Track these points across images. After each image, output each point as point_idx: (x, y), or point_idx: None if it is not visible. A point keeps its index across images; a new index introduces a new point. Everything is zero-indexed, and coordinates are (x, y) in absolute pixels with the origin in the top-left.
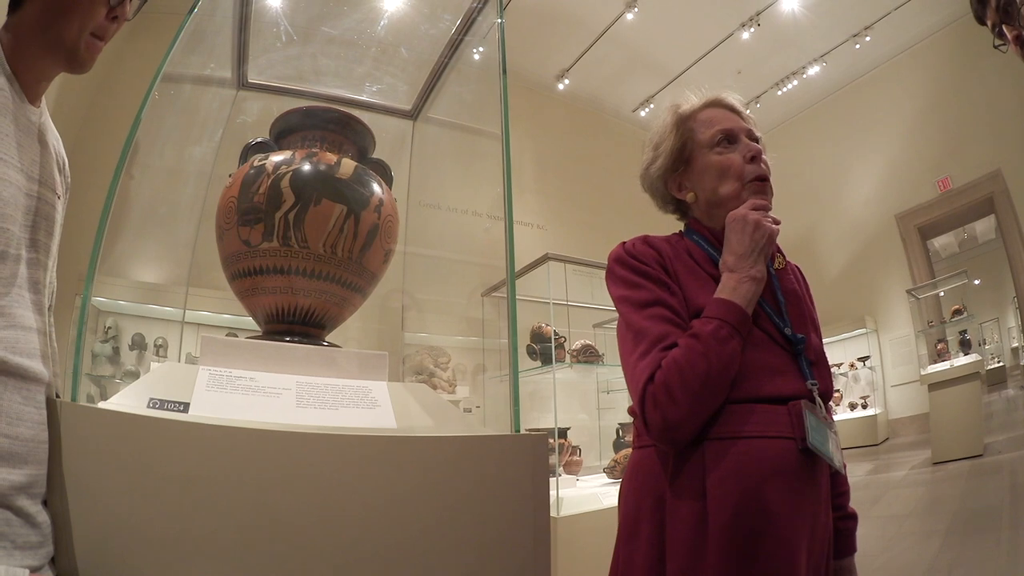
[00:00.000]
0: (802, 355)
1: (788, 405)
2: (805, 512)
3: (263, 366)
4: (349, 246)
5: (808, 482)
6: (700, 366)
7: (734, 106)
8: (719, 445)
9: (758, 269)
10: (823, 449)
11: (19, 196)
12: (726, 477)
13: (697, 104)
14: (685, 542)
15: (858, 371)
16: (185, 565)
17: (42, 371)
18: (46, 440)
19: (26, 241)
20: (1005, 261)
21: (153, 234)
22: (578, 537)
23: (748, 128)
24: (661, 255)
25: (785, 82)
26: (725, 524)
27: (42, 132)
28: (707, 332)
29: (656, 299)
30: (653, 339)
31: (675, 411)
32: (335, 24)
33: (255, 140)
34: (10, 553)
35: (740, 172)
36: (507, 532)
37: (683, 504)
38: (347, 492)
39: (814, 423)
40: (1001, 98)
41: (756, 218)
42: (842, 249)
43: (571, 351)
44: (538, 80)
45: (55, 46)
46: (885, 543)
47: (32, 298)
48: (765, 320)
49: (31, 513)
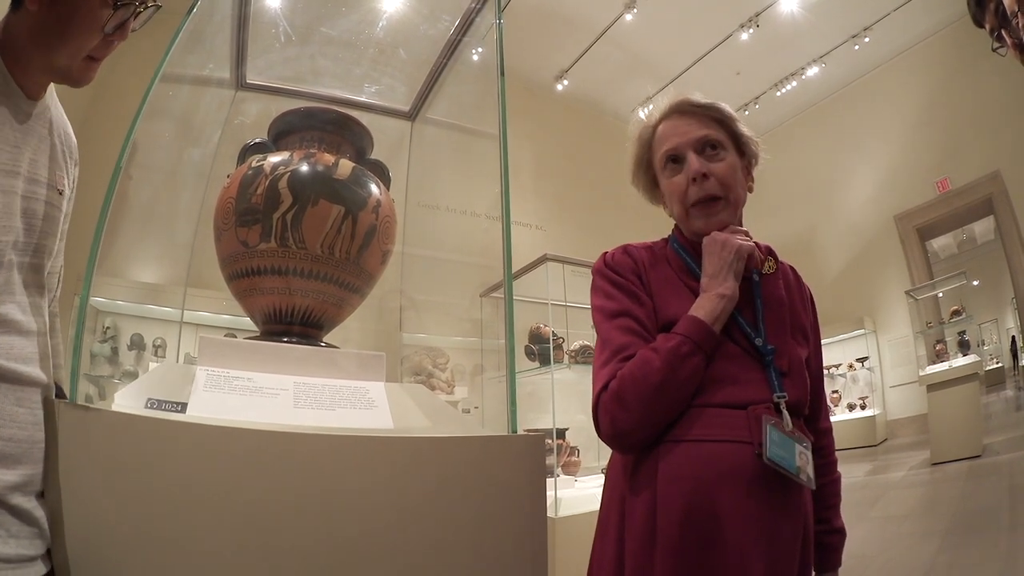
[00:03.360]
0: (771, 366)
1: (747, 410)
2: (763, 519)
3: (261, 366)
4: (347, 247)
5: (769, 488)
6: (653, 379)
7: (691, 108)
8: (670, 447)
9: (727, 286)
10: (785, 464)
11: (13, 202)
12: (674, 480)
13: (656, 116)
14: (639, 541)
15: (857, 372)
16: (182, 565)
17: (39, 375)
18: (42, 440)
19: (21, 244)
20: (1004, 262)
21: (152, 234)
22: (576, 538)
23: (699, 137)
24: (638, 264)
25: (784, 83)
26: (672, 525)
27: (42, 126)
28: (668, 348)
29: (624, 310)
30: (614, 349)
31: (625, 420)
32: (334, 25)
33: (253, 141)
34: (5, 541)
35: (683, 196)
36: (504, 533)
37: (638, 504)
38: (343, 493)
39: (776, 436)
40: (1000, 99)
41: (724, 237)
42: (841, 250)
43: (569, 352)
44: (537, 81)
45: (48, 67)
46: (884, 544)
47: (29, 301)
48: (737, 332)
49: (27, 509)
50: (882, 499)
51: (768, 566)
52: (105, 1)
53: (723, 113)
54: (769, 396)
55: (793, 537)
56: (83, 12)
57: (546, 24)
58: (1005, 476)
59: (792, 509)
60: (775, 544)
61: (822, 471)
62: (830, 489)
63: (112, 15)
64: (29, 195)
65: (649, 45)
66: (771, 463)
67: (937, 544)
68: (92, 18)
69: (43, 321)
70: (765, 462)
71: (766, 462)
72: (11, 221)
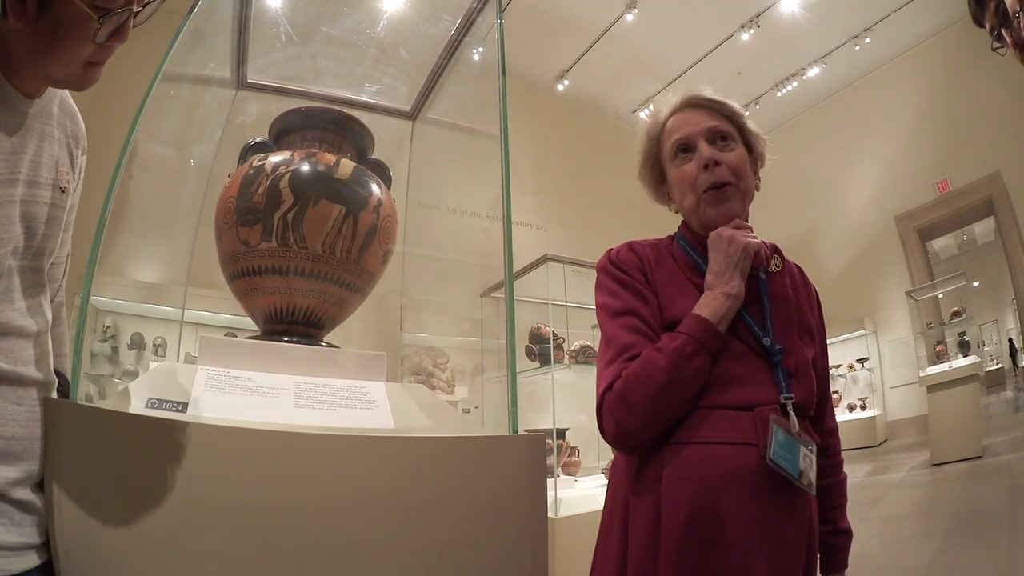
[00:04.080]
0: (779, 366)
1: (754, 411)
2: (767, 521)
3: (261, 366)
4: (347, 246)
5: (774, 491)
6: (658, 379)
7: (702, 102)
8: (676, 450)
9: (732, 285)
10: (788, 466)
11: (12, 211)
12: (679, 482)
13: (666, 111)
14: (642, 543)
15: (857, 373)
16: (181, 564)
17: (35, 374)
18: (40, 435)
19: (21, 249)
20: (1004, 263)
21: (152, 234)
22: (577, 538)
23: (710, 127)
24: (643, 262)
25: (785, 84)
26: (677, 528)
27: (44, 122)
28: (672, 347)
29: (629, 308)
30: (619, 348)
31: (629, 421)
32: (335, 24)
33: (254, 140)
34: (8, 530)
35: (694, 183)
36: (504, 533)
37: (642, 505)
38: (344, 492)
39: (782, 437)
40: (1000, 100)
41: (730, 234)
42: (841, 251)
43: (570, 352)
44: (538, 81)
45: (44, 75)
46: (884, 544)
47: (29, 304)
48: (744, 330)
49: (28, 500)
50: (882, 500)
51: (772, 568)
52: (88, 14)
53: (733, 109)
54: (776, 397)
55: (798, 539)
56: (68, 27)
57: (547, 24)
58: (1005, 477)
59: (797, 511)
60: (780, 546)
61: (828, 471)
62: (836, 490)
63: (100, 26)
64: (29, 199)
65: (650, 45)
66: (773, 464)
67: (937, 544)
68: (80, 31)
69: (44, 320)
70: (768, 463)
71: (768, 463)
72: (10, 232)
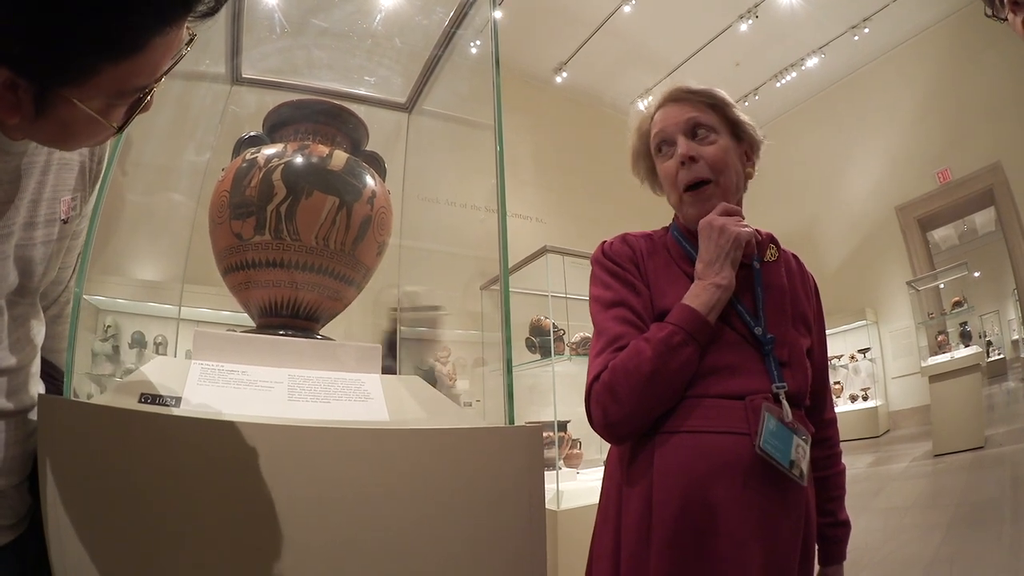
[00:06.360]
0: (770, 355)
1: (745, 400)
2: (760, 511)
3: (256, 359)
4: (341, 238)
5: (767, 480)
6: (644, 369)
7: (682, 95)
8: (667, 438)
9: (723, 276)
10: (778, 455)
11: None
12: (670, 471)
13: (653, 106)
14: (634, 532)
15: (858, 363)
16: (176, 558)
17: (6, 406)
18: (17, 455)
19: (15, 290)
20: (1005, 253)
21: (149, 231)
22: (579, 530)
23: (687, 119)
24: (636, 253)
25: (783, 74)
26: (669, 517)
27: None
28: (659, 338)
29: (620, 300)
30: (608, 339)
31: (616, 411)
32: (328, 16)
33: (248, 134)
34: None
35: (674, 180)
36: (501, 524)
37: (634, 494)
38: (339, 485)
39: (773, 426)
40: (1001, 90)
41: (721, 223)
42: (842, 241)
43: (570, 344)
44: (536, 73)
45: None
46: (886, 535)
47: (17, 336)
48: (736, 320)
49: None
50: (884, 490)
51: (767, 557)
52: (98, 119)
53: (716, 98)
54: (768, 386)
55: (793, 529)
56: (75, 125)
57: (545, 16)
58: (1008, 467)
59: (791, 501)
60: (773, 536)
61: (826, 463)
62: (834, 481)
63: (117, 114)
64: (25, 242)
65: (648, 36)
66: (763, 453)
67: (940, 535)
68: (92, 126)
69: (32, 348)
70: (757, 452)
71: (758, 452)
72: (3, 284)
